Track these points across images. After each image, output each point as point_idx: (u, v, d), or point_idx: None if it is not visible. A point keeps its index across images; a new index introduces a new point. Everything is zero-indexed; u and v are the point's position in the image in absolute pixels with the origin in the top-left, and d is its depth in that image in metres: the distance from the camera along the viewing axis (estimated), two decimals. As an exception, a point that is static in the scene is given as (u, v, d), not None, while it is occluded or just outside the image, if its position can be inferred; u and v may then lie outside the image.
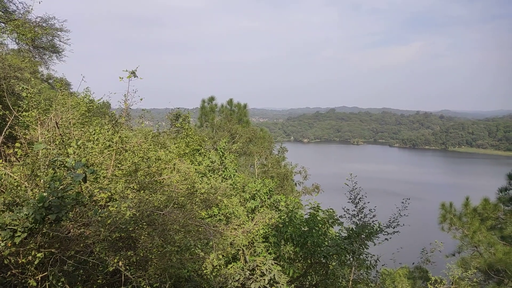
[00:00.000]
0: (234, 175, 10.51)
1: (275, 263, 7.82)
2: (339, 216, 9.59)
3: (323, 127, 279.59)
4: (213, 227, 6.06)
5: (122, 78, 6.00)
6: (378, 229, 8.81)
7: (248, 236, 8.14)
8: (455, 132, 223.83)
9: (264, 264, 7.20)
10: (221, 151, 10.63)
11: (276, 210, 9.77)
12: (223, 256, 6.99)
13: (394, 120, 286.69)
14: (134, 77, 5.99)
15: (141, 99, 6.28)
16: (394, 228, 8.72)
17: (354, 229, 8.86)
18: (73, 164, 4.04)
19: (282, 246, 9.24)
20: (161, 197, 6.16)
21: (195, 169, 8.95)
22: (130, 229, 4.65)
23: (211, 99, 26.32)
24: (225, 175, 10.19)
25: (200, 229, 5.83)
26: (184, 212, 5.78)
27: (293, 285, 7.72)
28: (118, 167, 6.25)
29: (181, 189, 6.93)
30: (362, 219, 9.00)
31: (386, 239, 8.73)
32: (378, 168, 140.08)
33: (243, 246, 7.94)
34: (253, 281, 6.87)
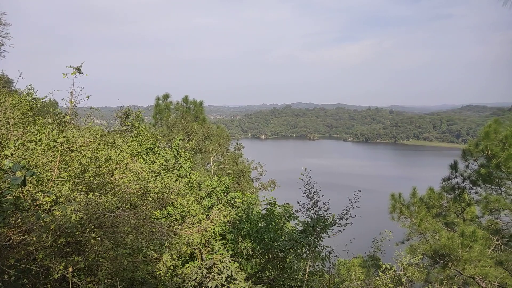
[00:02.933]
0: (189, 173, 10.36)
1: (232, 260, 7.81)
2: (295, 211, 9.76)
3: (280, 123, 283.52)
4: (167, 227, 5.93)
5: (66, 74, 5.69)
6: (332, 221, 9.08)
7: (205, 234, 8.07)
8: (404, 126, 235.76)
9: (221, 262, 7.16)
10: (175, 149, 10.43)
11: (233, 207, 9.76)
12: (178, 256, 6.88)
13: (348, 115, 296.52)
14: (80, 73, 5.70)
15: (88, 97, 5.99)
16: (347, 219, 9.02)
17: (309, 222, 9.07)
18: (11, 167, 3.77)
19: (239, 243, 9.26)
20: (112, 198, 5.93)
21: (149, 168, 8.71)
22: (77, 233, 4.43)
23: (166, 96, 25.73)
24: (180, 174, 10.02)
25: (153, 230, 5.69)
26: (136, 213, 5.61)
27: (250, 281, 7.76)
28: (64, 168, 5.93)
29: (133, 189, 6.72)
30: (316, 212, 9.22)
31: (339, 230, 9.01)
32: (333, 162, 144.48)
33: (200, 244, 7.86)
34: (210, 279, 6.82)
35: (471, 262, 12.45)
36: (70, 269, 4.31)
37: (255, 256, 9.57)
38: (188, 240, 6.82)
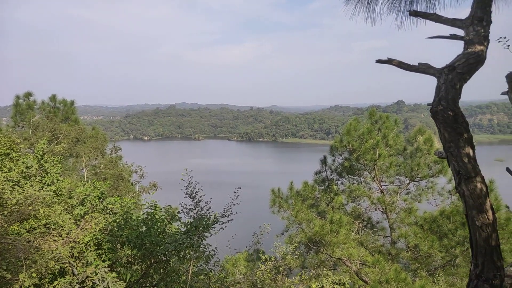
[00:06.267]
0: (58, 180, 9.30)
1: (109, 270, 7.30)
2: (178, 212, 9.61)
3: (164, 124, 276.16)
4: (27, 242, 5.22)
5: None
6: (215, 219, 9.19)
7: (77, 246, 7.36)
8: (283, 125, 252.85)
9: (96, 274, 6.64)
10: (39, 154, 9.25)
11: (110, 214, 9.11)
12: (44, 273, 6.13)
13: (232, 115, 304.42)
14: None
15: None
16: (228, 217, 9.24)
17: (192, 222, 9.01)
18: None
19: (118, 251, 8.70)
20: (-49, 215, 4.97)
21: (4, 177, 7.54)
22: None
23: (28, 95, 22.54)
24: (45, 181, 8.92)
25: (9, 247, 4.94)
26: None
27: (130, 289, 7.37)
28: None
29: (-18, 202, 5.75)
30: (199, 212, 9.23)
31: (222, 228, 9.18)
32: (218, 161, 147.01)
33: (71, 258, 7.13)
34: (83, 294, 6.26)
35: (338, 245, 13.98)
36: None
37: (136, 263, 9.11)
38: (55, 254, 6.13)
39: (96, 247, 8.24)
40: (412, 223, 14.97)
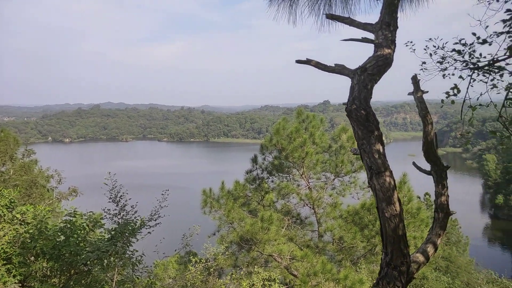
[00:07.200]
0: (-44, 189, 8.22)
1: (21, 286, 6.64)
2: (101, 218, 9.06)
3: (87, 125, 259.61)
4: None
5: None
6: (142, 224, 8.82)
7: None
8: (215, 125, 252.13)
9: (4, 292, 5.98)
10: None
11: (21, 224, 8.29)
12: None
13: (162, 115, 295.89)
14: None
15: None
16: (156, 220, 8.93)
17: (117, 228, 8.56)
18: None
19: (32, 264, 7.94)
20: None
21: None
22: None
23: None
24: None
25: None
26: None
27: (46, 305, 6.76)
28: None
29: None
30: (124, 217, 8.79)
31: (149, 232, 8.84)
32: (148, 163, 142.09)
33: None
34: (-12, 316, 5.59)
35: (269, 242, 14.26)
36: None
37: (53, 276, 8.40)
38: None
39: (5, 262, 7.45)
40: (337, 216, 15.78)
